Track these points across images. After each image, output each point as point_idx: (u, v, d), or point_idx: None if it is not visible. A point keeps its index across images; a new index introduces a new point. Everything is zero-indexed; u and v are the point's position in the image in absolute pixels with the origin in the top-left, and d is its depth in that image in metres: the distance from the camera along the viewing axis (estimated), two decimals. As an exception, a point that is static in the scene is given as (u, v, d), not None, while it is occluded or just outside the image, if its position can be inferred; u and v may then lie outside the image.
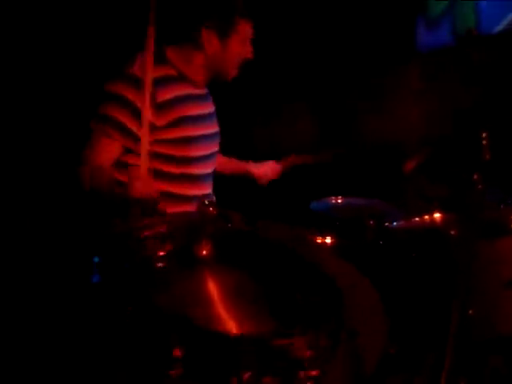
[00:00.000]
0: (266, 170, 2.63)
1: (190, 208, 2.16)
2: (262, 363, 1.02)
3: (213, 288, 1.25)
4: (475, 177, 1.30)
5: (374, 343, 1.23)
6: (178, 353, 1.00)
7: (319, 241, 2.09)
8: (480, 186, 1.31)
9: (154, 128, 2.06)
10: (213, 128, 2.34)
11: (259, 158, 2.67)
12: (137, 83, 2.00)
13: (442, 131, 2.00)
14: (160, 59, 2.11)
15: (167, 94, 2.11)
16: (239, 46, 2.16)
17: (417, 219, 2.03)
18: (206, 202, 1.30)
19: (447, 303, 1.56)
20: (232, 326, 1.10)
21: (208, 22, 2.12)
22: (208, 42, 2.14)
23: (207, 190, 2.32)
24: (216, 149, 2.37)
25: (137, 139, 2.01)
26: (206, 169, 2.30)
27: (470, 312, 1.80)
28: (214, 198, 2.35)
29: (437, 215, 2.02)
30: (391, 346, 1.86)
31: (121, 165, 2.11)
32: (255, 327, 1.09)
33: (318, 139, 2.84)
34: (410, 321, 1.90)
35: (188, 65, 2.19)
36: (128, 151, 2.10)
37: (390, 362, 1.85)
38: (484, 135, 1.29)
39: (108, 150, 2.07)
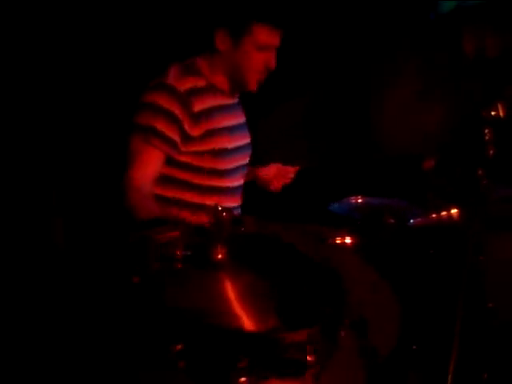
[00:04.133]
0: (275, 173, 2.51)
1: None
2: (261, 356, 1.07)
3: (228, 290, 1.30)
4: (479, 172, 1.33)
5: (386, 338, 1.27)
6: (179, 347, 1.05)
7: (338, 241, 2.12)
8: (485, 182, 1.33)
9: (188, 138, 2.08)
10: (245, 139, 2.31)
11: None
12: (173, 93, 2.04)
13: (459, 129, 2.01)
14: (192, 70, 2.15)
15: (203, 104, 2.11)
16: (255, 52, 2.10)
17: (434, 216, 2.05)
18: (220, 208, 1.35)
19: (466, 299, 1.57)
20: (243, 325, 1.15)
21: (220, 22, 2.10)
22: (220, 41, 2.11)
23: (237, 202, 2.29)
24: (247, 160, 2.34)
25: (176, 147, 2.06)
26: (238, 181, 2.28)
27: (490, 305, 1.82)
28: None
29: (454, 211, 2.04)
30: (413, 342, 1.89)
31: (162, 179, 2.10)
32: (261, 324, 1.14)
33: (338, 140, 2.84)
34: (430, 317, 1.92)
35: (214, 74, 2.18)
36: (168, 162, 2.09)
37: (412, 357, 1.88)
38: (486, 131, 1.32)
39: (152, 160, 2.05)
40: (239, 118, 2.31)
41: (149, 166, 2.06)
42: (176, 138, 2.06)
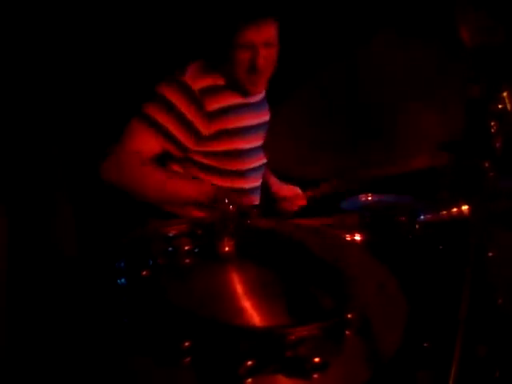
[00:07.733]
0: (289, 193, 2.43)
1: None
2: (267, 353, 1.06)
3: (235, 283, 1.31)
4: (486, 165, 1.32)
5: (391, 337, 1.25)
6: (187, 344, 1.03)
7: (348, 238, 2.11)
8: (491, 174, 1.32)
9: (200, 138, 2.08)
10: (263, 139, 2.29)
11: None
12: (186, 91, 2.04)
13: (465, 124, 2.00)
14: (212, 68, 2.14)
15: (216, 104, 2.10)
16: (237, 51, 2.06)
17: (444, 212, 2.04)
18: (226, 201, 1.36)
19: (478, 296, 1.56)
20: (251, 319, 1.16)
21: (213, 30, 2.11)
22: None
23: (254, 203, 2.26)
24: (265, 160, 2.32)
25: (179, 146, 2.06)
26: (254, 182, 2.27)
27: (500, 301, 1.81)
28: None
29: (464, 207, 2.03)
30: (423, 340, 1.88)
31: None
32: (267, 318, 1.14)
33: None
34: (439, 314, 1.90)
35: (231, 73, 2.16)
36: (183, 161, 2.11)
37: (422, 355, 1.86)
38: (493, 123, 1.30)
39: (148, 143, 2.03)
40: (260, 117, 2.29)
41: (145, 146, 2.02)
42: (180, 137, 2.05)
